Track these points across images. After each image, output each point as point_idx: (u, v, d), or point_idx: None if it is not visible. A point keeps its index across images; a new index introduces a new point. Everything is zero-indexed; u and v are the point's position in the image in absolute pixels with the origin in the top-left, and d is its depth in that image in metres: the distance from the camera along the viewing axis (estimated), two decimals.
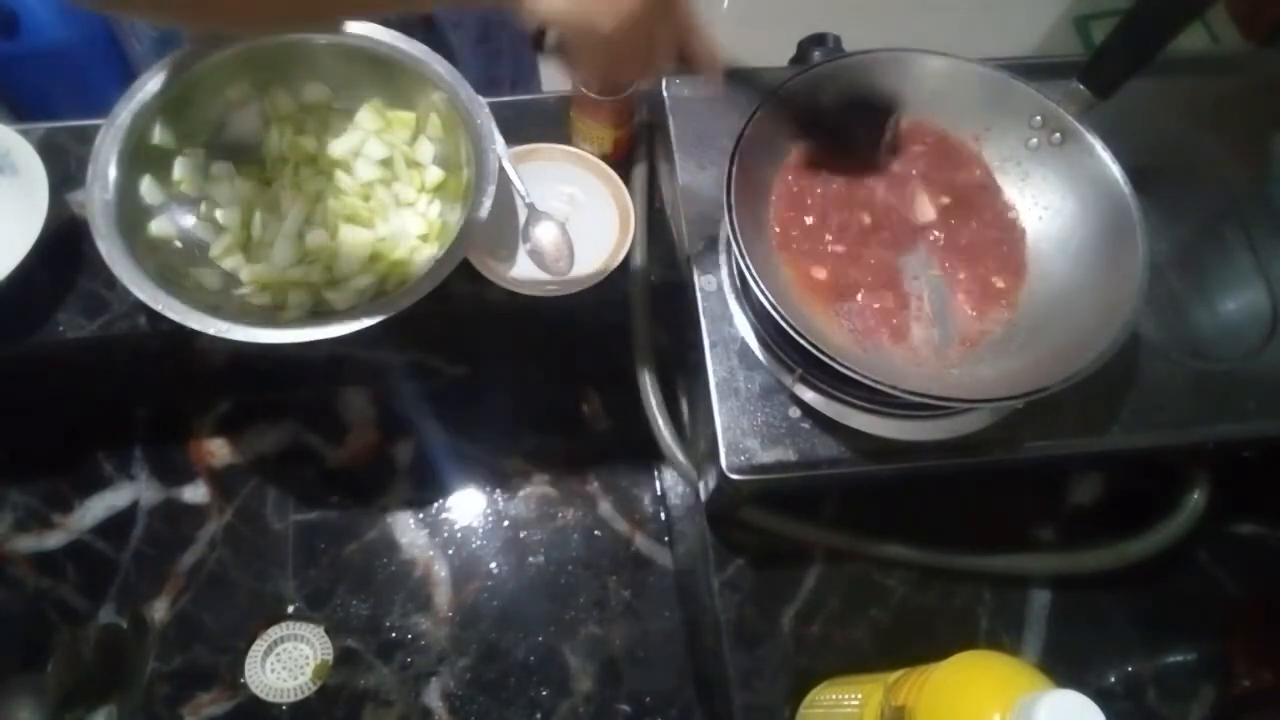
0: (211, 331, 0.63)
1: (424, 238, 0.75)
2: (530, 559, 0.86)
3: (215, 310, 0.66)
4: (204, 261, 0.73)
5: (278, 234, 0.74)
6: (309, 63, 0.76)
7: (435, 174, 0.77)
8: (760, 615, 0.70)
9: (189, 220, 0.74)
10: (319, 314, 0.71)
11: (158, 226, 0.71)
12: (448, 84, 0.74)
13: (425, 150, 0.78)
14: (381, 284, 0.73)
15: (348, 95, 0.78)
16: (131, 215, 0.68)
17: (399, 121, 0.78)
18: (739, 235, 0.57)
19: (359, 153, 0.76)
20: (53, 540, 0.82)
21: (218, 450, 0.87)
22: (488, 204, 0.70)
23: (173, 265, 0.70)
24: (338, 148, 0.76)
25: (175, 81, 0.71)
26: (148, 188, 0.71)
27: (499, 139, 0.73)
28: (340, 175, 0.76)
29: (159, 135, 0.72)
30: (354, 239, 0.74)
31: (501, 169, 0.74)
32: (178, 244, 0.72)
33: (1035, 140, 0.65)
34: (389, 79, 0.76)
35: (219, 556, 0.83)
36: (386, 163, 0.77)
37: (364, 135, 0.77)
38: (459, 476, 0.89)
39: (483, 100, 0.74)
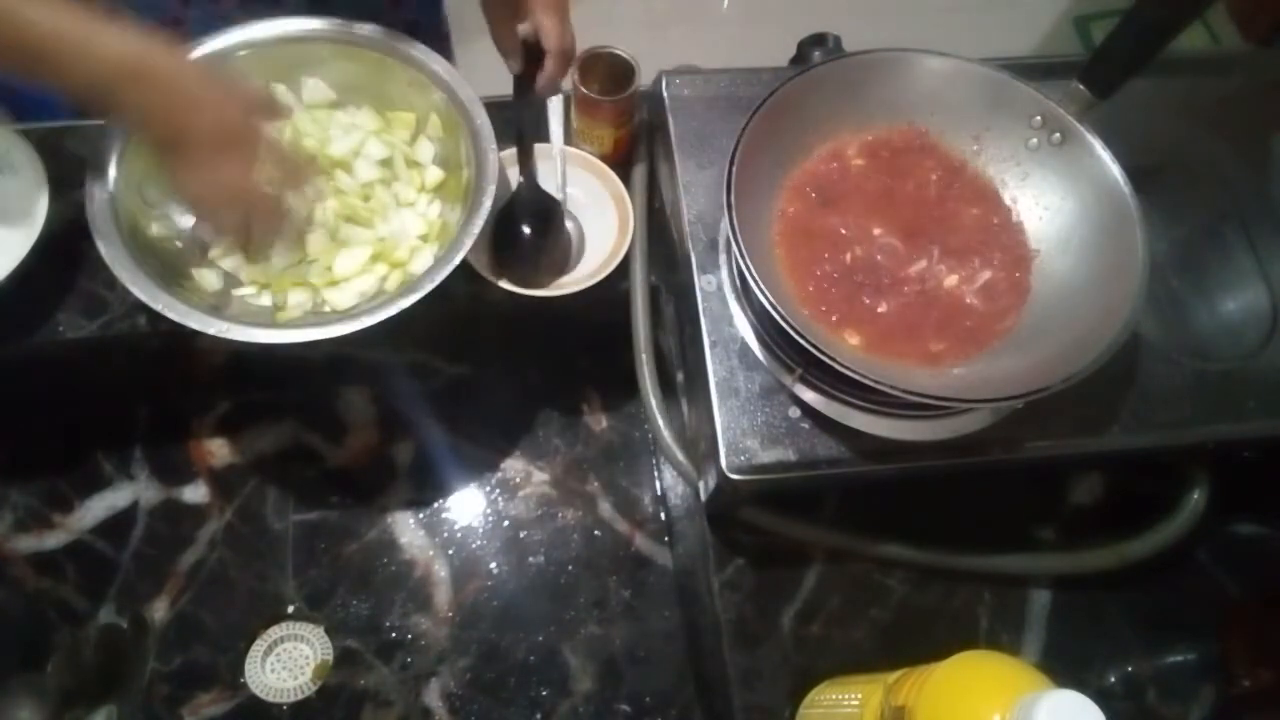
0: (212, 332, 0.63)
1: (424, 238, 0.75)
2: (530, 559, 0.86)
3: (215, 310, 0.66)
4: (204, 261, 0.73)
5: (278, 234, 0.73)
6: (309, 63, 0.76)
7: (435, 174, 0.77)
8: (760, 615, 0.70)
9: (189, 220, 0.74)
10: (319, 314, 0.71)
11: (158, 227, 0.71)
12: (447, 84, 0.74)
13: (425, 150, 0.78)
14: (381, 284, 0.73)
15: (348, 95, 0.78)
16: (131, 215, 0.68)
17: (399, 121, 0.78)
18: (739, 235, 0.57)
19: (359, 153, 0.76)
20: (53, 540, 0.82)
21: (218, 450, 0.87)
22: (488, 204, 0.70)
23: (173, 265, 0.70)
24: (338, 148, 0.76)
25: None
26: (148, 188, 0.71)
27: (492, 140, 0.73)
28: (340, 175, 0.75)
29: None
30: (354, 239, 0.74)
31: (502, 170, 0.74)
32: (178, 244, 0.72)
33: (1035, 140, 0.65)
34: (390, 79, 0.76)
35: (219, 556, 0.83)
36: (386, 163, 0.77)
37: (364, 135, 0.77)
38: (459, 476, 0.89)
39: (481, 100, 0.74)
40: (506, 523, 0.87)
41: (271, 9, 0.75)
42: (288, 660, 0.80)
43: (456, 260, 0.67)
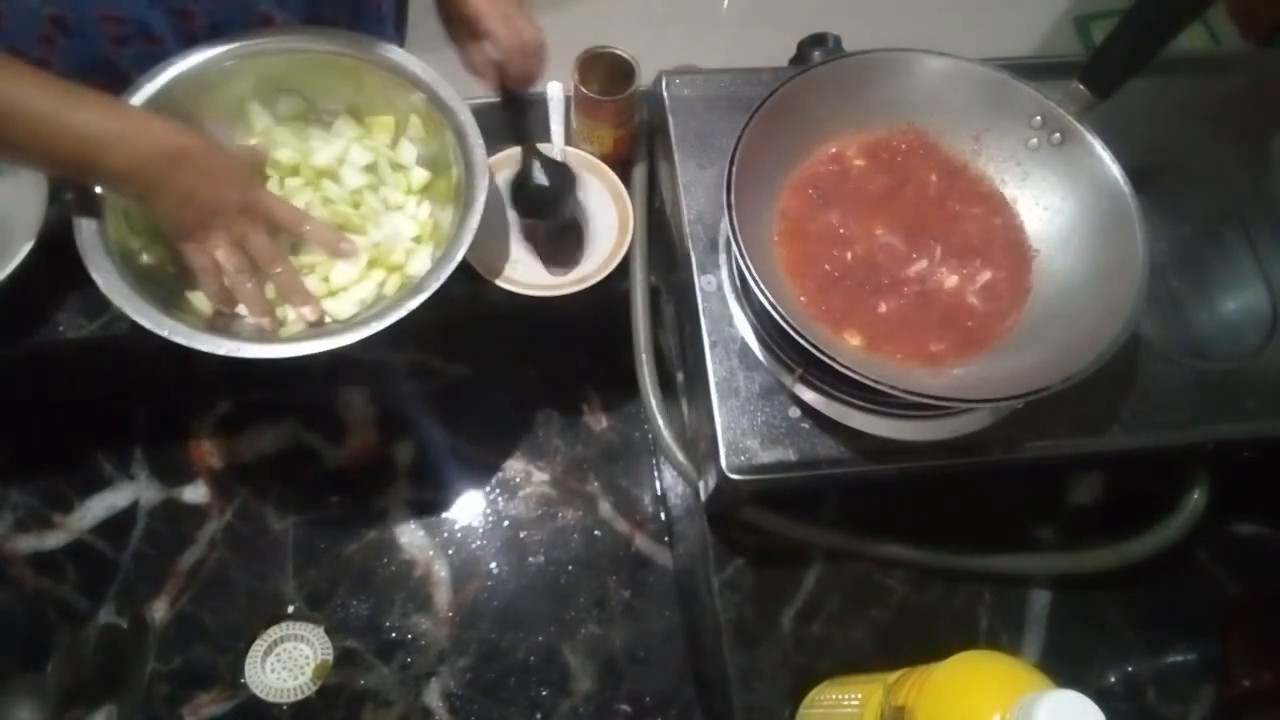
0: (222, 352, 0.63)
1: (418, 239, 0.75)
2: (530, 559, 0.86)
3: (215, 329, 0.65)
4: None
5: (295, 292, 0.72)
6: (283, 74, 0.75)
7: (421, 175, 0.76)
8: (760, 615, 0.70)
9: (208, 306, 0.71)
10: (320, 325, 0.70)
11: (151, 254, 0.70)
12: (427, 84, 0.73)
13: (408, 152, 0.77)
14: (380, 289, 0.72)
15: (324, 104, 0.77)
16: (122, 243, 0.67)
17: (378, 126, 0.77)
18: (739, 235, 0.57)
19: (344, 160, 0.75)
20: (53, 540, 0.82)
21: (218, 450, 0.87)
22: (481, 200, 0.69)
23: (167, 288, 0.68)
24: (321, 157, 0.75)
25: (147, 105, 0.70)
26: (134, 214, 0.69)
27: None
28: (328, 184, 0.75)
29: None
30: None
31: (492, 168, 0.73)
32: (170, 269, 0.70)
33: (1035, 140, 0.65)
34: (365, 83, 0.76)
35: (219, 556, 0.83)
36: (371, 168, 0.76)
37: (346, 143, 0.76)
38: (459, 476, 0.89)
39: (464, 98, 0.73)
40: (506, 523, 0.87)
41: (230, 39, 0.74)
42: (288, 660, 0.80)
43: (457, 259, 0.67)
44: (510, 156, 0.78)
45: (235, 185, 0.65)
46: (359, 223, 0.74)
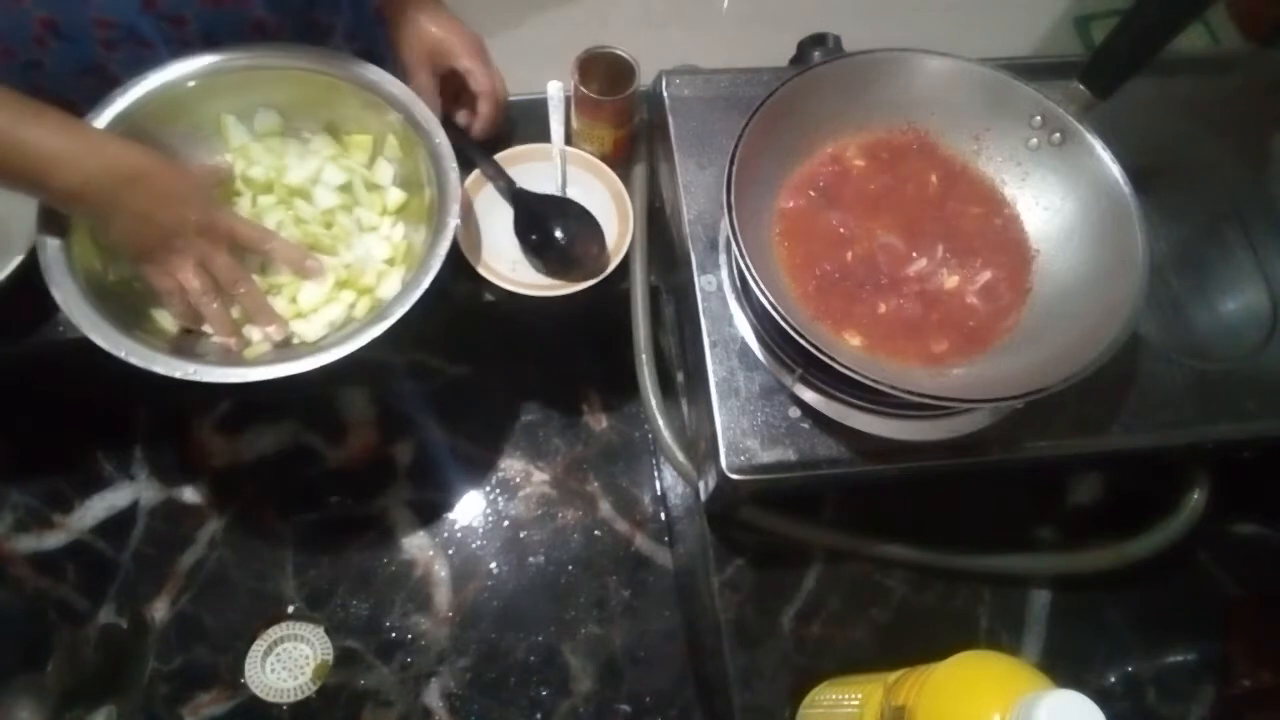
0: (178, 375, 0.62)
1: (390, 261, 0.74)
2: (530, 559, 0.86)
3: (179, 350, 0.65)
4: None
5: (261, 312, 0.71)
6: (259, 90, 0.75)
7: (397, 196, 0.76)
8: (760, 615, 0.70)
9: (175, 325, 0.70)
10: (288, 347, 0.69)
11: (115, 270, 0.69)
12: (403, 104, 0.73)
13: (384, 172, 0.76)
14: (350, 311, 0.72)
15: (301, 121, 0.77)
16: (86, 260, 0.67)
17: (355, 145, 0.77)
18: (739, 235, 0.57)
19: (317, 180, 0.74)
20: (53, 540, 0.82)
21: (218, 450, 0.87)
22: (453, 223, 0.68)
23: (132, 307, 0.68)
24: (295, 175, 0.74)
25: (121, 119, 0.70)
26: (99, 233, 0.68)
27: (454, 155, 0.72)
28: (300, 204, 0.74)
29: None
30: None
31: (465, 190, 0.73)
32: (135, 286, 0.69)
33: (1035, 140, 0.65)
34: (342, 102, 0.75)
35: (219, 556, 0.83)
36: (346, 188, 0.75)
37: (321, 161, 0.75)
38: (459, 476, 0.89)
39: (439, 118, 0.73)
40: (506, 523, 0.87)
41: (204, 53, 0.73)
42: (288, 660, 0.80)
43: (426, 284, 0.66)
44: (529, 150, 0.79)
45: (194, 205, 0.64)
46: (330, 244, 0.73)
